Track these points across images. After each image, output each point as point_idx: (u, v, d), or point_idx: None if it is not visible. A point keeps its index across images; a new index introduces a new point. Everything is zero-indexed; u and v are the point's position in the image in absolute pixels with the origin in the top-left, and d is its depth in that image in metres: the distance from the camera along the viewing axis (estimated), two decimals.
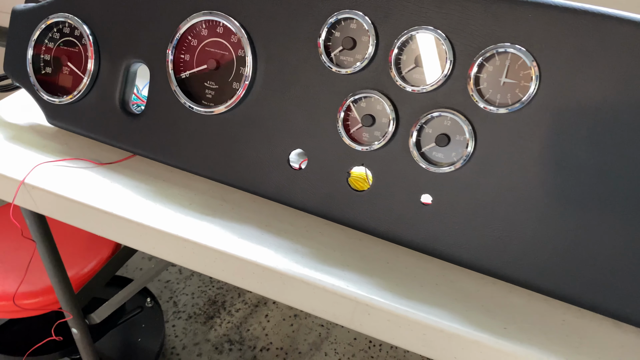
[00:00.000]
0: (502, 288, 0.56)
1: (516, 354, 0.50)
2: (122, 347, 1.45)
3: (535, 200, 0.52)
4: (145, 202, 0.66)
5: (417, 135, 0.55)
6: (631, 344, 0.51)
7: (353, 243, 0.61)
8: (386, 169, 0.58)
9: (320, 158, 0.60)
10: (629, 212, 0.49)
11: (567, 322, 0.53)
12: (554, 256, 0.52)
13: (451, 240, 0.56)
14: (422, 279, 0.57)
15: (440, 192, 0.56)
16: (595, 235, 0.50)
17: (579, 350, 0.50)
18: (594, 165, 0.49)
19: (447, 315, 0.53)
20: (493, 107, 0.52)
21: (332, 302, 0.56)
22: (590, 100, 0.49)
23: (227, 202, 0.66)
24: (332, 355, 1.59)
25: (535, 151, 0.51)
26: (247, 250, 0.59)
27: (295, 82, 0.60)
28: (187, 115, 0.66)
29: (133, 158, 0.74)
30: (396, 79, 0.55)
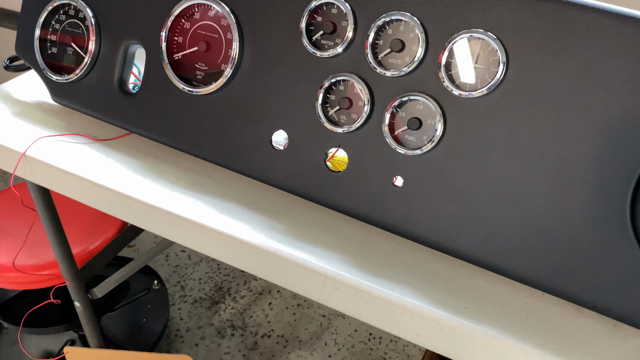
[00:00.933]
0: (470, 270, 0.57)
1: (474, 332, 0.51)
2: (128, 326, 1.49)
3: (502, 183, 0.53)
4: (135, 176, 0.68)
5: (390, 118, 0.57)
6: (589, 328, 0.51)
7: (329, 222, 0.63)
8: (361, 151, 0.59)
9: (300, 139, 0.62)
10: (591, 198, 0.49)
11: (529, 305, 0.54)
12: (520, 239, 0.53)
13: (421, 221, 0.57)
14: (392, 259, 0.58)
15: (411, 175, 0.57)
16: (559, 220, 0.51)
17: (536, 332, 0.51)
18: (558, 150, 0.50)
19: (411, 293, 0.54)
20: (463, 91, 0.53)
21: (303, 276, 0.58)
22: (556, 86, 0.49)
23: (212, 180, 0.68)
24: (332, 345, 1.61)
25: (503, 135, 0.52)
26: (226, 225, 0.61)
27: (279, 64, 0.62)
28: (177, 95, 0.69)
29: (129, 136, 0.76)
30: (372, 63, 0.57)
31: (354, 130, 0.59)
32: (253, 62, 0.64)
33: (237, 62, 0.64)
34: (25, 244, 1.15)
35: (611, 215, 0.49)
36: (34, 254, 1.14)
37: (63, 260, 1.00)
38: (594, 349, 0.49)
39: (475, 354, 0.52)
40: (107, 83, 0.75)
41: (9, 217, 1.22)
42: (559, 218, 0.51)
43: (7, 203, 1.26)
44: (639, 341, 0.50)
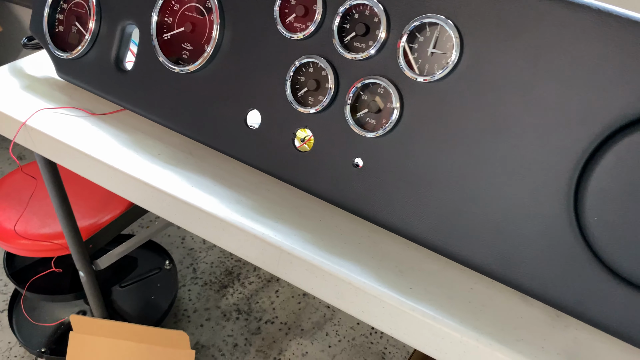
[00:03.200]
0: (422, 253, 0.57)
1: (414, 312, 0.51)
2: (136, 302, 1.53)
3: (456, 169, 0.53)
4: (121, 149, 0.71)
5: (353, 100, 0.57)
6: (531, 316, 0.51)
7: (295, 200, 0.64)
8: (326, 131, 0.60)
9: (271, 119, 0.63)
10: (538, 187, 0.49)
11: (475, 290, 0.53)
12: (471, 226, 0.53)
13: (378, 203, 0.58)
14: (348, 238, 0.59)
15: (370, 156, 0.57)
16: (508, 209, 0.51)
17: (476, 316, 0.51)
18: (508, 136, 0.50)
19: (359, 271, 0.55)
20: (420, 76, 0.53)
21: (261, 250, 0.59)
22: (508, 72, 0.49)
23: (192, 156, 0.71)
24: (333, 336, 1.61)
25: (457, 120, 0.52)
26: (196, 198, 0.63)
27: (255, 45, 0.64)
28: (164, 73, 0.71)
29: (123, 112, 0.79)
30: (338, 46, 0.57)
31: (320, 112, 0.60)
32: (232, 44, 0.66)
33: (218, 43, 0.66)
34: (39, 215, 1.20)
35: (556, 206, 0.48)
36: (47, 224, 1.19)
37: (68, 230, 1.04)
38: (530, 335, 0.49)
39: (415, 334, 0.52)
40: (105, 61, 0.78)
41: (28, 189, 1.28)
42: (508, 206, 0.51)
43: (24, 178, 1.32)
44: (578, 332, 0.50)
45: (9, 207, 1.22)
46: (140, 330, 1.24)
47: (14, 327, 1.44)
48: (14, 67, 0.90)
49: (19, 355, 1.48)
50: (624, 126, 0.44)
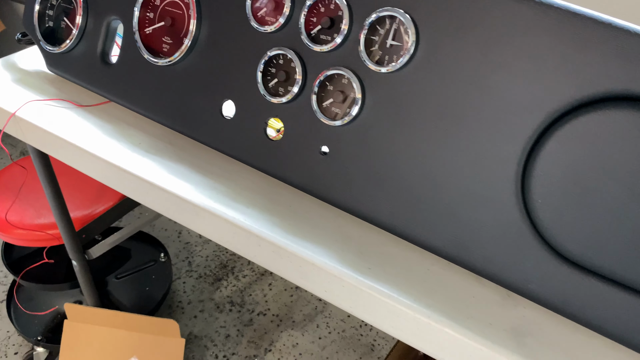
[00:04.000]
0: (383, 237, 0.59)
1: (371, 290, 0.53)
2: (132, 293, 1.56)
3: (414, 156, 0.55)
4: (104, 138, 0.74)
5: (318, 90, 0.60)
6: (483, 296, 0.53)
7: (267, 187, 0.66)
8: (295, 121, 0.62)
9: (245, 109, 0.66)
10: (489, 172, 0.51)
11: (431, 271, 0.56)
12: (429, 210, 0.55)
13: (343, 189, 0.60)
14: (315, 222, 0.61)
15: (335, 144, 0.60)
16: (462, 193, 0.53)
17: (430, 295, 0.53)
18: (461, 125, 0.52)
19: (322, 252, 0.57)
20: (380, 67, 0.55)
21: (232, 233, 0.62)
22: (462, 63, 0.51)
23: (172, 145, 0.73)
24: (324, 328, 1.64)
25: (415, 109, 0.54)
26: (173, 184, 0.66)
27: (229, 39, 0.66)
28: (145, 66, 0.74)
29: (108, 104, 0.82)
30: (305, 38, 0.60)
31: (290, 102, 0.62)
32: (209, 37, 0.68)
33: (195, 36, 0.69)
34: (35, 206, 1.23)
35: (506, 191, 0.50)
36: (42, 215, 1.22)
37: (60, 220, 1.07)
38: (480, 313, 0.51)
39: (372, 311, 0.54)
40: (91, 54, 0.80)
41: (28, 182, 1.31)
42: (463, 191, 0.53)
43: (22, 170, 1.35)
44: (527, 310, 0.52)
45: (6, 199, 1.25)
46: (132, 319, 1.27)
47: (11, 316, 1.47)
48: (6, 62, 0.92)
49: (17, 343, 1.52)
50: (565, 113, 0.46)
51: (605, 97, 0.44)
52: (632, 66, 0.43)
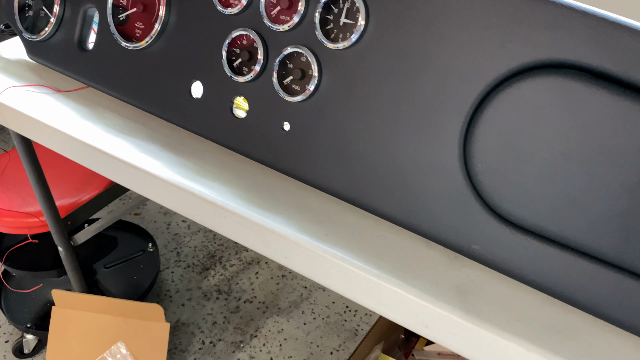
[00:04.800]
0: (341, 206, 0.62)
1: (326, 254, 0.56)
2: (120, 281, 1.58)
3: (367, 127, 0.58)
4: (81, 121, 0.76)
5: (279, 69, 0.62)
6: (431, 258, 0.56)
7: (233, 164, 0.68)
8: (258, 99, 0.65)
9: (212, 89, 0.68)
10: (436, 139, 0.54)
11: (384, 237, 0.58)
12: (381, 178, 0.58)
13: (303, 163, 0.62)
14: (277, 195, 0.64)
15: (295, 120, 0.62)
16: (411, 161, 0.55)
17: (381, 258, 0.55)
18: (410, 95, 0.54)
19: (283, 221, 0.60)
20: (334, 44, 0.58)
21: (199, 206, 0.64)
22: (408, 39, 0.54)
23: (145, 126, 0.75)
24: (309, 314, 1.66)
25: (369, 84, 0.57)
26: (143, 162, 0.68)
27: (196, 21, 0.68)
28: (120, 51, 0.76)
29: (87, 89, 0.84)
30: (265, 19, 0.62)
31: (253, 80, 0.65)
32: (177, 21, 0.71)
33: (165, 21, 0.71)
34: (22, 194, 1.25)
35: (450, 157, 0.53)
36: (29, 203, 1.24)
37: (45, 206, 1.09)
38: (427, 274, 0.54)
39: (328, 274, 0.57)
40: (69, 42, 0.83)
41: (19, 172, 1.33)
42: (412, 160, 0.55)
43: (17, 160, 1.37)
44: (472, 271, 0.54)
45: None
46: (118, 304, 1.29)
47: (2, 304, 1.49)
48: None
49: (7, 332, 1.54)
50: (500, 82, 0.49)
51: (536, 65, 0.47)
52: (557, 35, 0.46)
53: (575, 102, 0.46)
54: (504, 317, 0.50)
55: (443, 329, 0.51)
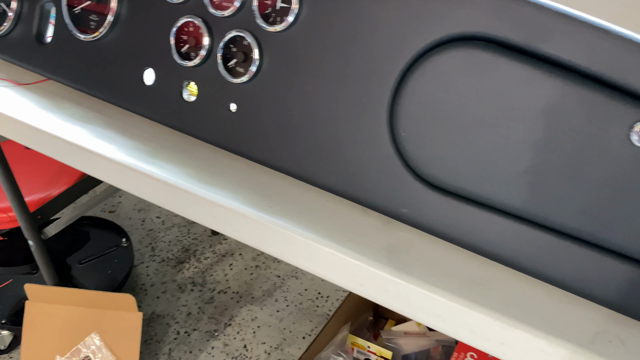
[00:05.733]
0: (286, 181, 0.65)
1: (272, 224, 0.59)
2: (95, 276, 1.60)
3: (306, 105, 0.61)
4: (41, 111, 0.78)
5: (223, 52, 0.65)
6: (366, 223, 0.59)
7: (185, 145, 0.71)
8: (206, 82, 0.68)
9: (163, 75, 0.71)
10: (365, 111, 0.57)
11: (325, 207, 0.62)
12: (320, 151, 0.61)
13: (249, 141, 0.66)
14: (226, 172, 0.67)
15: (241, 101, 0.65)
16: (348, 133, 0.59)
17: (322, 225, 0.59)
18: (342, 72, 0.58)
19: (231, 196, 0.63)
20: (272, 26, 0.61)
21: (152, 186, 0.67)
22: (339, 17, 0.57)
23: (102, 114, 0.78)
24: (282, 302, 1.69)
25: (305, 62, 0.60)
26: (99, 147, 0.71)
27: (146, 12, 0.71)
28: (76, 43, 0.78)
29: (47, 81, 0.86)
30: (209, 5, 0.65)
31: (200, 65, 0.68)
32: (129, 12, 0.73)
33: (117, 12, 0.74)
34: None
35: (380, 128, 0.57)
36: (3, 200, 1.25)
37: (13, 201, 1.11)
38: (362, 237, 0.57)
39: (273, 243, 0.60)
40: (27, 36, 0.84)
41: None
42: (347, 133, 0.59)
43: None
44: (403, 233, 0.58)
45: None
46: (90, 296, 1.31)
47: None
48: None
49: None
50: (419, 56, 0.53)
51: (448, 39, 0.51)
52: (466, 11, 0.49)
53: (484, 71, 0.49)
54: (430, 272, 0.53)
55: (376, 286, 0.54)
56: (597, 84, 0.46)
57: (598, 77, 0.46)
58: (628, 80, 0.45)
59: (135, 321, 1.31)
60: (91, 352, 1.30)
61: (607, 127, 0.46)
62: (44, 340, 1.33)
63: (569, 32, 0.46)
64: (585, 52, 0.46)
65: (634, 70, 0.44)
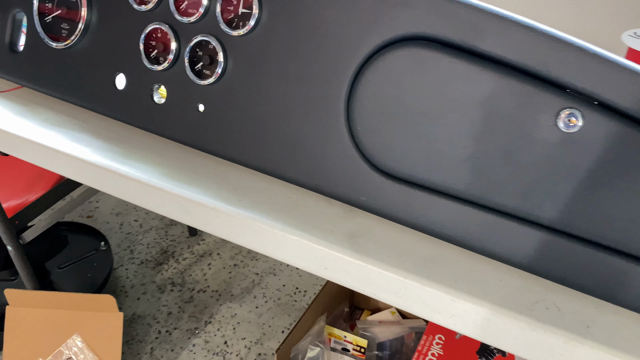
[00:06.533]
0: (255, 176, 0.69)
1: (240, 216, 0.63)
2: (74, 279, 1.61)
3: (270, 103, 0.65)
4: (15, 117, 0.80)
5: (190, 56, 0.69)
6: (330, 212, 0.63)
7: (157, 146, 0.74)
8: (175, 85, 0.71)
9: (133, 79, 0.74)
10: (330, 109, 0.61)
11: (291, 198, 0.66)
12: (285, 147, 0.65)
13: (217, 139, 0.69)
14: (198, 170, 0.70)
15: (208, 102, 0.69)
16: (309, 130, 0.63)
17: (287, 215, 0.63)
18: (302, 72, 0.62)
19: (201, 191, 0.66)
20: (234, 31, 0.65)
21: (126, 185, 0.70)
22: (296, 20, 0.61)
23: (76, 119, 0.80)
24: (260, 298, 1.73)
25: (266, 64, 0.64)
26: (74, 149, 0.73)
27: (116, 19, 0.74)
28: (48, 50, 0.81)
29: (21, 89, 0.88)
30: (174, 13, 0.69)
31: (169, 68, 0.71)
32: (98, 20, 0.76)
33: (87, 20, 0.76)
34: None
35: (339, 124, 0.61)
36: None
37: None
38: (325, 225, 0.61)
39: (243, 234, 0.63)
40: (0, 45, 0.87)
41: None
42: (308, 129, 0.63)
43: None
44: (363, 220, 0.62)
45: None
46: (70, 298, 1.32)
47: None
48: None
49: None
50: (369, 57, 0.57)
51: (395, 39, 0.55)
52: (410, 14, 0.54)
53: (428, 68, 0.54)
54: (387, 253, 0.58)
55: (338, 268, 0.59)
56: (527, 77, 0.51)
57: (527, 71, 0.51)
58: (553, 72, 0.50)
59: (116, 321, 1.34)
60: (73, 353, 1.32)
61: (536, 115, 0.51)
62: (26, 344, 1.34)
63: (501, 30, 0.51)
64: (515, 48, 0.51)
65: (557, 63, 0.49)
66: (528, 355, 0.53)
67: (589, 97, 0.50)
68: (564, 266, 0.53)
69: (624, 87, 0.48)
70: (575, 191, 0.51)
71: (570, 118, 0.50)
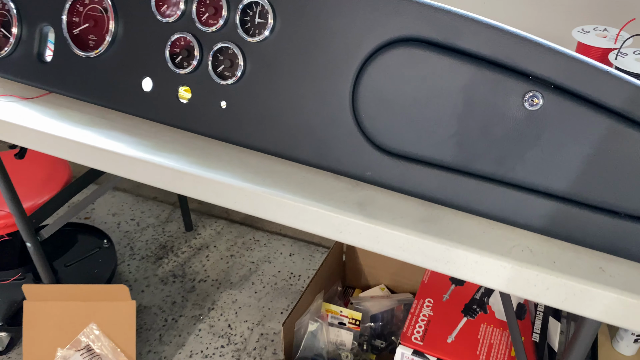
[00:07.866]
0: (272, 161, 0.80)
1: (265, 194, 0.74)
2: (81, 276, 1.68)
3: (285, 97, 0.76)
4: (49, 120, 0.90)
5: (212, 60, 0.80)
6: (339, 186, 0.75)
7: (184, 140, 0.85)
8: (199, 85, 0.82)
9: (159, 82, 0.84)
10: (338, 100, 0.73)
11: (305, 177, 0.77)
12: (299, 133, 0.76)
13: (240, 131, 0.80)
14: (222, 157, 0.81)
15: (230, 100, 0.80)
16: (320, 117, 0.74)
17: (304, 190, 0.74)
18: (316, 71, 0.73)
19: (229, 175, 0.77)
20: (252, 38, 0.76)
21: (160, 174, 0.80)
22: (306, 27, 0.73)
23: (105, 119, 0.90)
24: (258, 284, 1.83)
25: (282, 66, 0.75)
26: (109, 145, 0.83)
27: (141, 31, 0.84)
28: (77, 59, 0.90)
29: (49, 94, 0.98)
30: (197, 23, 0.79)
31: (193, 71, 0.82)
32: (125, 32, 0.86)
33: (114, 33, 0.86)
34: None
35: (345, 111, 0.72)
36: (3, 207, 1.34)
37: (13, 208, 1.20)
38: (338, 197, 0.73)
39: (267, 209, 0.75)
40: (29, 56, 0.96)
41: None
42: (320, 117, 0.74)
43: None
44: (369, 192, 0.74)
45: None
46: (85, 290, 1.41)
47: None
48: None
49: None
50: (370, 55, 0.69)
51: (391, 41, 0.67)
52: (402, 19, 0.66)
53: (418, 63, 0.66)
54: (390, 217, 0.70)
55: (352, 231, 0.70)
56: (498, 67, 0.63)
57: (498, 62, 0.63)
58: (518, 63, 0.63)
59: (130, 309, 1.43)
60: (91, 341, 1.40)
61: (507, 97, 0.64)
62: (45, 336, 1.42)
63: (476, 31, 0.64)
64: (487, 45, 0.63)
65: (521, 56, 0.62)
66: (510, 289, 0.66)
67: (547, 82, 0.63)
68: (531, 215, 0.66)
69: (574, 73, 0.61)
70: (539, 156, 0.64)
71: (533, 99, 0.63)
